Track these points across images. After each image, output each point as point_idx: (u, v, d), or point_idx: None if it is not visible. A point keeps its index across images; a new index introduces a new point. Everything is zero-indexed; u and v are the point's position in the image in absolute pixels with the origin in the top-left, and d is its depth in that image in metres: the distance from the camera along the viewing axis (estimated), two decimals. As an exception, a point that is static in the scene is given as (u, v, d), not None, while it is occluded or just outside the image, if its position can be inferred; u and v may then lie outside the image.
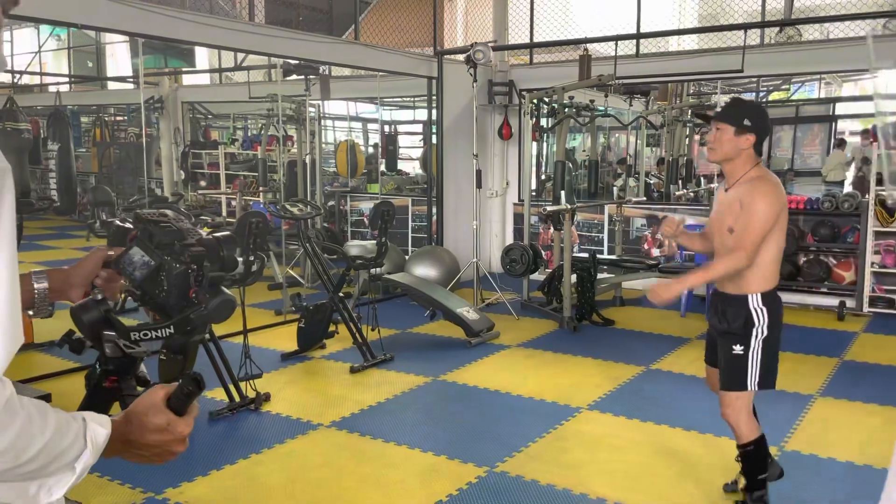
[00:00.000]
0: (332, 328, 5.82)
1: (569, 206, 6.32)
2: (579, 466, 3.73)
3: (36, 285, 1.30)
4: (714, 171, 12.27)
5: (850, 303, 6.89)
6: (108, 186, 11.62)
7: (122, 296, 1.53)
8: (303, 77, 8.08)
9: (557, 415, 4.44)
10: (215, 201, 10.78)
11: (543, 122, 7.41)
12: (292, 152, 9.67)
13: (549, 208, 6.22)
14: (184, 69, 14.02)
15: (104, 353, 1.28)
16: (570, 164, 7.74)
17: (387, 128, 13.35)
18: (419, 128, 13.69)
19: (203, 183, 11.79)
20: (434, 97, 8.46)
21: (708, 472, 3.64)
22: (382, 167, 12.61)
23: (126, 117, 14.12)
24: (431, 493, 3.43)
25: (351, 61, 7.81)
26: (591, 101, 6.86)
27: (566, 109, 6.70)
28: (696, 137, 11.23)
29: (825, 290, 7.17)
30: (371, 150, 13.34)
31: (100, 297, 1.25)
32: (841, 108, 14.08)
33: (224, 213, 10.53)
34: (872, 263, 6.84)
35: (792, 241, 7.27)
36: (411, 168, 13.87)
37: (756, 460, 3.00)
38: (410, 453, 3.90)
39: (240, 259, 4.55)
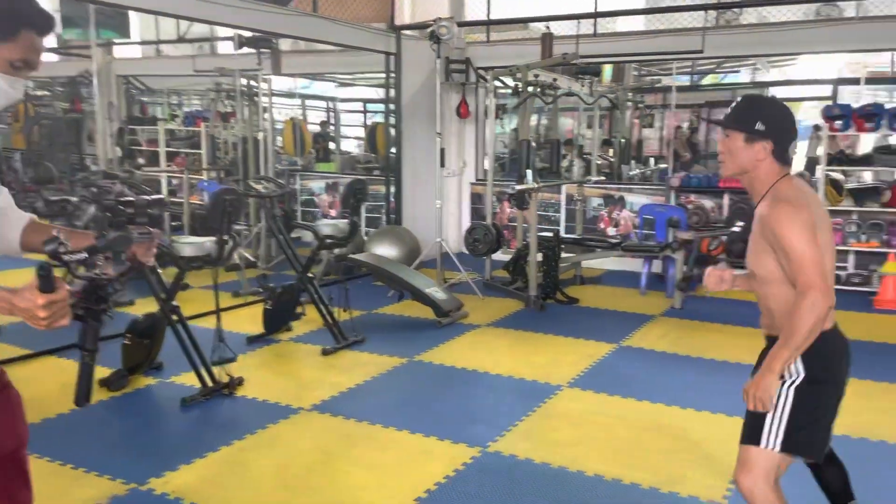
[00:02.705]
0: (298, 310, 5.67)
1: (536, 185, 6.31)
2: (570, 444, 3.73)
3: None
4: (658, 151, 12.52)
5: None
6: (40, 163, 10.99)
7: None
8: (255, 51, 7.79)
9: (539, 393, 4.43)
10: (154, 179, 10.32)
11: (506, 101, 7.36)
12: (235, 129, 9.37)
13: (517, 187, 6.19)
14: (117, 41, 13.32)
15: (73, 274, 1.77)
16: (535, 144, 7.72)
17: (331, 105, 13.10)
18: (366, 106, 13.47)
19: (141, 160, 11.28)
20: (392, 74, 8.28)
21: (696, 446, 3.70)
22: (332, 146, 12.34)
23: (50, 92, 13.36)
24: (429, 474, 3.37)
25: (308, 34, 7.56)
26: (554, 80, 6.83)
27: (530, 88, 6.65)
28: (636, 121, 11.43)
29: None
30: (317, 128, 13.05)
31: (55, 234, 1.73)
32: (773, 93, 14.60)
33: (164, 192, 10.12)
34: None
35: (743, 217, 7.49)
36: (354, 147, 13.65)
37: None
38: (399, 435, 3.82)
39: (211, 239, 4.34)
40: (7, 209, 1.95)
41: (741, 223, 6.82)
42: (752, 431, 2.28)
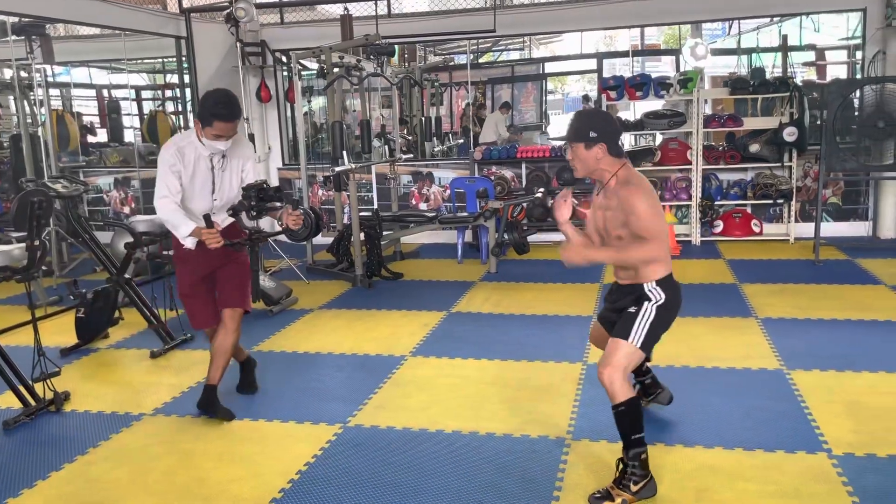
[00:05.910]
0: (116, 314, 5.32)
1: (354, 167, 6.39)
2: (425, 407, 3.92)
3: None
4: (449, 127, 13.06)
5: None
6: None
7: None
8: (24, 38, 7.04)
9: (386, 365, 4.58)
10: None
11: (312, 83, 7.31)
12: (3, 125, 8.45)
13: (336, 169, 6.23)
14: None
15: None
16: (347, 126, 7.76)
17: (106, 94, 12.10)
18: (140, 93, 12.59)
19: None
20: (185, 58, 7.89)
21: (536, 392, 4.06)
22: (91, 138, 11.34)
23: None
24: (296, 456, 3.39)
25: (89, 19, 6.96)
26: (359, 61, 6.92)
27: (336, 70, 6.68)
28: (425, 101, 11.89)
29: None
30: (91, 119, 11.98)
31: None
32: (549, 68, 15.78)
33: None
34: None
35: (541, 184, 8.13)
36: (132, 137, 12.74)
37: (629, 421, 2.89)
38: (256, 425, 3.79)
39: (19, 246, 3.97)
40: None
41: (541, 190, 7.41)
42: (623, 330, 2.97)
